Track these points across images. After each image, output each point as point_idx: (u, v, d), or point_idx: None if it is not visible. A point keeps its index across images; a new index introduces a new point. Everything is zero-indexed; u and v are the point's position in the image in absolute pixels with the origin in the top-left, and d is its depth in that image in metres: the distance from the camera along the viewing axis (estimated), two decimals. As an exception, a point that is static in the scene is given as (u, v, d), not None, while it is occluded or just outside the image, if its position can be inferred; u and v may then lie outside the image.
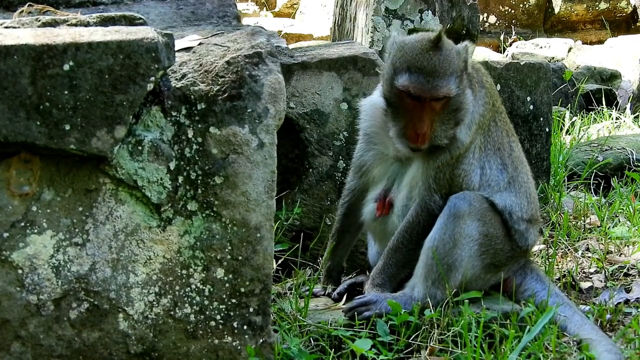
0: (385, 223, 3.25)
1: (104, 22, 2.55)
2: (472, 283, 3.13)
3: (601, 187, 5.43)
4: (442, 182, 3.11)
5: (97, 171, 2.42)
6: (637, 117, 7.82)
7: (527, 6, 13.45)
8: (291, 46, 4.88)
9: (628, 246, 4.23)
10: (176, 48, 2.51)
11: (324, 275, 3.46)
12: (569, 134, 7.06)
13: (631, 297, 3.53)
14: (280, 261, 3.60)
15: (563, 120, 7.18)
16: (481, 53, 10.47)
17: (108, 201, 2.44)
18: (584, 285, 3.78)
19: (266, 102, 2.52)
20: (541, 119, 5.29)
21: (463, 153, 3.12)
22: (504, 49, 11.88)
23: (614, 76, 9.63)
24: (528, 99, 5.23)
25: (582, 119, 7.61)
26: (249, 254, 2.52)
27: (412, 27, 6.55)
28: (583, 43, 11.99)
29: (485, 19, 13.21)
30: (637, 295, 3.56)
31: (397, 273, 3.17)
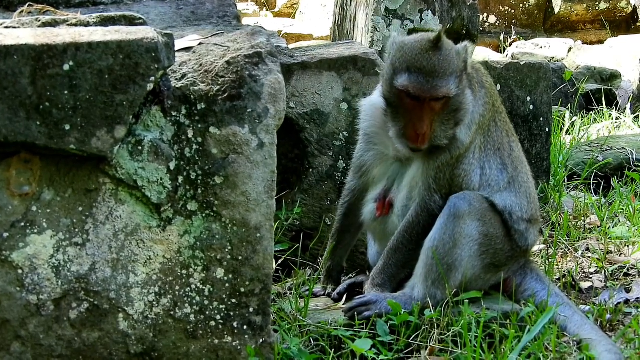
0: (385, 223, 3.25)
1: (104, 22, 2.55)
2: (472, 283, 3.13)
3: (601, 187, 5.43)
4: (442, 182, 3.11)
5: (97, 171, 2.42)
6: (637, 117, 7.82)
7: (527, 6, 13.45)
8: (291, 46, 4.88)
9: (628, 246, 4.23)
10: (176, 48, 2.51)
11: (324, 275, 3.46)
12: (569, 134, 7.05)
13: (631, 297, 3.53)
14: (280, 261, 3.60)
15: (563, 120, 7.17)
16: (481, 53, 10.46)
17: (108, 201, 2.44)
18: (584, 285, 3.78)
19: (266, 102, 2.52)
20: (541, 119, 5.29)
21: (463, 153, 3.12)
22: (504, 49, 11.88)
23: (614, 76, 9.63)
24: (528, 99, 5.23)
25: (582, 119, 7.61)
26: (249, 254, 2.52)
27: (412, 27, 6.55)
28: (583, 43, 11.99)
29: (485, 19, 13.21)
30: (637, 295, 3.55)
31: (397, 273, 3.17)
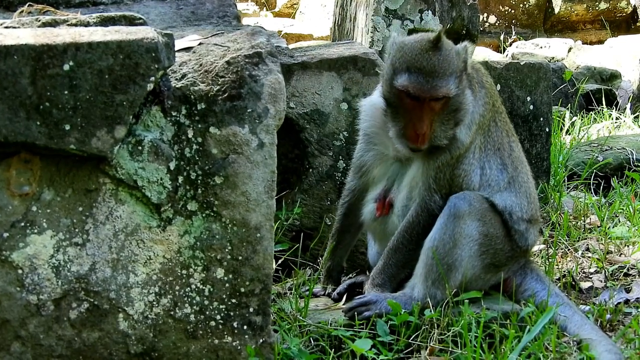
0: (385, 223, 3.25)
1: (104, 22, 2.55)
2: (472, 283, 3.13)
3: (601, 187, 5.43)
4: (442, 182, 3.11)
5: (97, 171, 2.42)
6: (637, 117, 7.82)
7: (527, 6, 13.45)
8: (291, 46, 4.88)
9: (628, 246, 4.23)
10: (176, 48, 2.51)
11: (324, 275, 3.46)
12: (569, 134, 7.05)
13: (631, 297, 3.53)
14: (280, 261, 3.60)
15: (563, 120, 7.17)
16: (481, 53, 10.46)
17: (108, 201, 2.44)
18: (584, 285, 3.78)
19: (266, 102, 2.52)
20: (541, 119, 5.29)
21: (463, 153, 3.12)
22: (504, 49, 11.88)
23: (614, 76, 9.63)
24: (528, 99, 5.23)
25: (582, 119, 7.61)
26: (249, 254, 2.52)
27: (412, 27, 6.55)
28: (583, 43, 11.99)
29: (485, 19, 13.21)
30: (637, 295, 3.55)
31: (397, 273, 3.17)
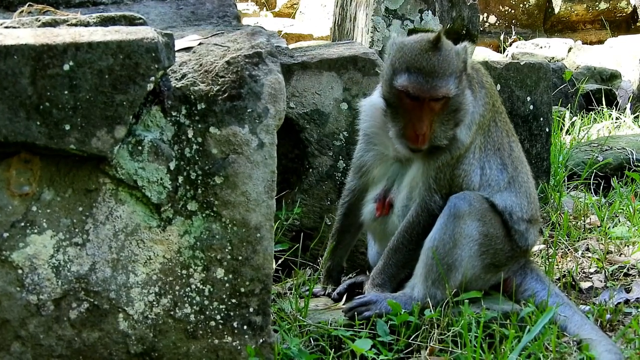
0: (385, 223, 3.25)
1: (104, 22, 2.55)
2: (472, 283, 3.13)
3: (601, 187, 5.43)
4: (443, 183, 3.11)
5: (97, 171, 2.42)
6: (637, 117, 7.82)
7: (527, 6, 13.45)
8: (291, 46, 4.88)
9: (628, 246, 4.23)
10: (176, 48, 2.51)
11: (324, 275, 3.46)
12: (569, 134, 7.05)
13: (631, 297, 3.53)
14: (280, 261, 3.60)
15: (563, 120, 7.18)
16: (481, 53, 10.47)
17: (108, 201, 2.44)
18: (584, 285, 3.78)
19: (266, 102, 2.52)
20: (541, 119, 5.29)
21: (463, 153, 3.12)
22: (504, 49, 11.88)
23: (614, 76, 9.63)
24: (528, 99, 5.23)
25: (582, 119, 7.61)
26: (249, 254, 2.52)
27: (412, 27, 6.55)
28: (583, 43, 12.00)
29: (485, 19, 13.21)
30: (637, 295, 3.55)
31: (397, 273, 3.17)
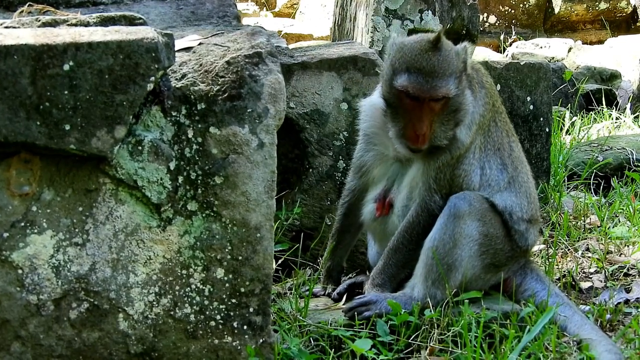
0: (385, 223, 3.25)
1: (104, 22, 2.55)
2: (472, 283, 3.13)
3: (601, 187, 5.43)
4: (443, 183, 3.11)
5: (97, 171, 2.42)
6: (637, 117, 7.82)
7: (527, 6, 13.45)
8: (291, 46, 4.88)
9: (628, 246, 4.23)
10: (176, 48, 2.51)
11: (324, 275, 3.46)
12: (569, 134, 7.05)
13: (631, 297, 3.53)
14: (280, 261, 3.60)
15: (563, 120, 7.17)
16: (481, 53, 10.46)
17: (108, 201, 2.44)
18: (584, 285, 3.78)
19: (266, 102, 2.52)
20: (541, 119, 5.29)
21: (463, 153, 3.12)
22: (504, 49, 11.88)
23: (614, 76, 9.63)
24: (528, 99, 5.23)
25: (582, 119, 7.61)
26: (249, 254, 2.52)
27: (412, 27, 6.55)
28: (583, 43, 12.00)
29: (485, 19, 13.21)
30: (637, 295, 3.55)
31: (397, 273, 3.17)
